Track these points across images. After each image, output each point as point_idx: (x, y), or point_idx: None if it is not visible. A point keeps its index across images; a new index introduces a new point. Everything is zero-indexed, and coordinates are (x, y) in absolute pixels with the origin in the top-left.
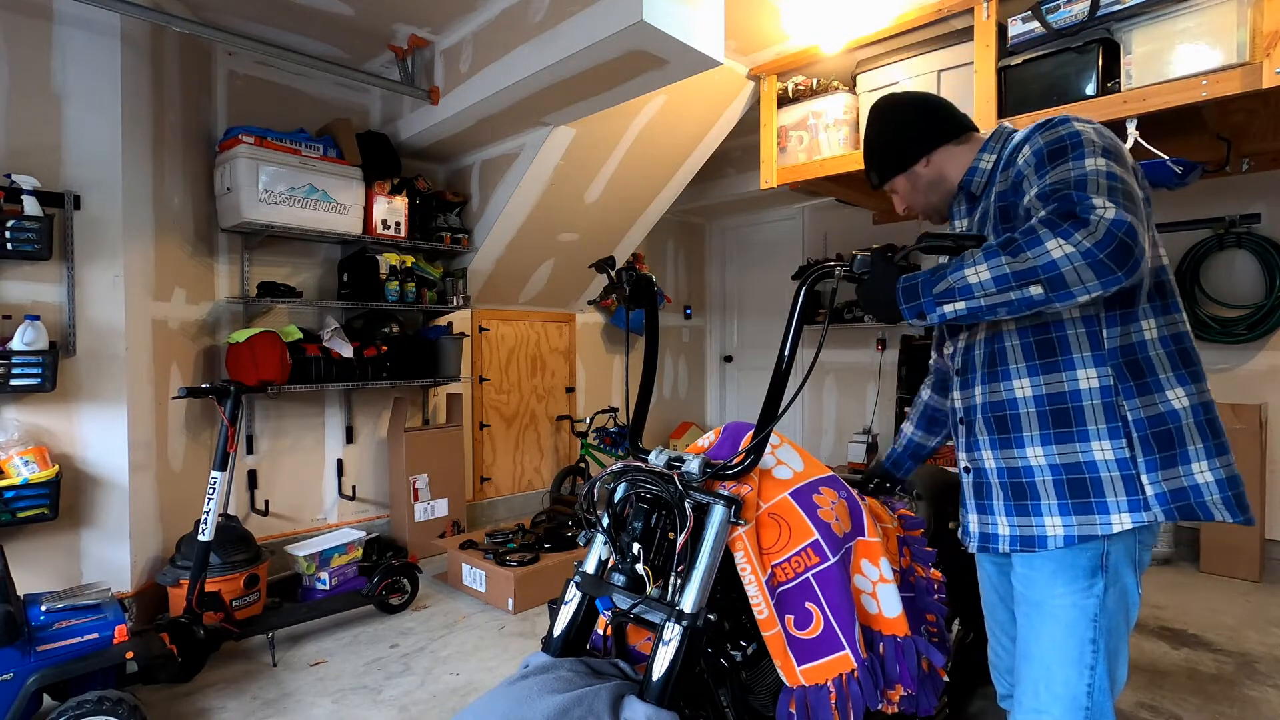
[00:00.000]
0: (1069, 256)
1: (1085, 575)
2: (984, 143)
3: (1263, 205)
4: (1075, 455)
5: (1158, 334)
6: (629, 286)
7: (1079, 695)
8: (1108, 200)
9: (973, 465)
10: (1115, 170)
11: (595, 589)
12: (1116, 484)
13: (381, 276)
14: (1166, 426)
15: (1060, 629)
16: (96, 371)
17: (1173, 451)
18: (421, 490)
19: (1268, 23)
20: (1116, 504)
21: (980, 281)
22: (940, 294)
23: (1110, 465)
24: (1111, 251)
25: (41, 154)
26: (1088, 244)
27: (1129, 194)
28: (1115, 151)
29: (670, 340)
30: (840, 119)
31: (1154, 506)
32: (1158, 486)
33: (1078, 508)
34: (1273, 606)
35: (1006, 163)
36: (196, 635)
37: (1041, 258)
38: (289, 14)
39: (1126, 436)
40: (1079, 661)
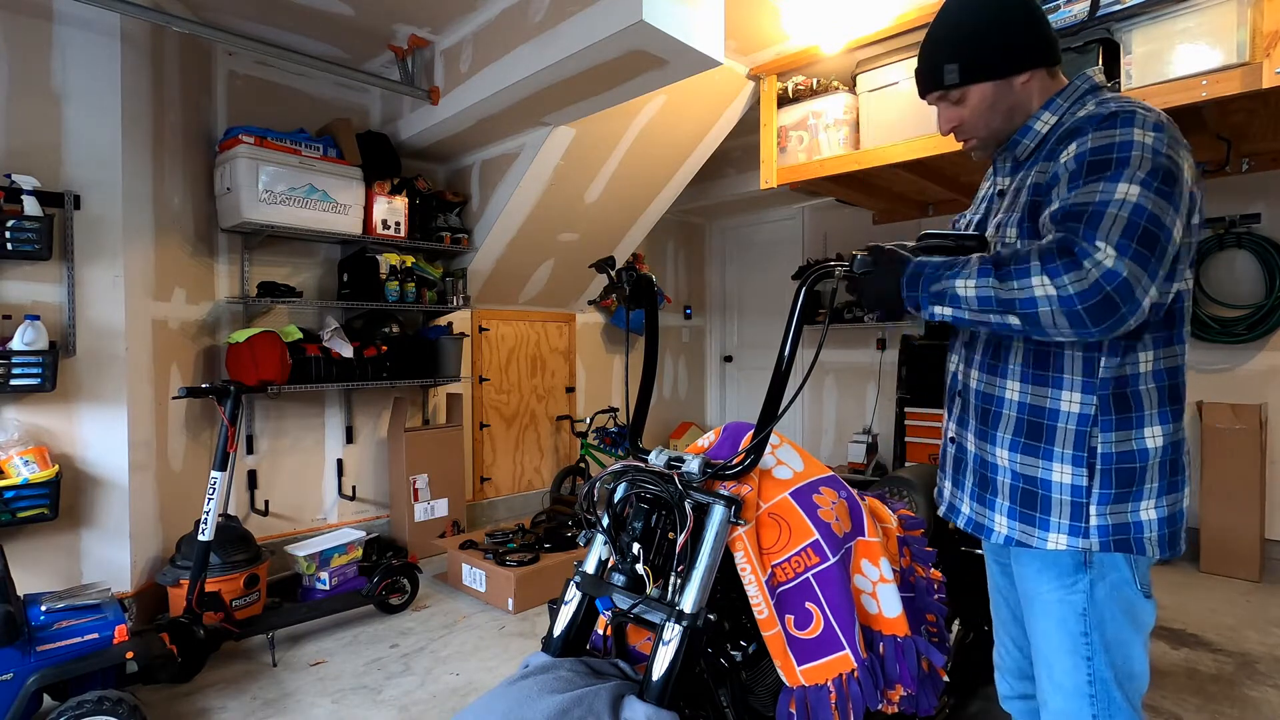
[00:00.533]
0: (1049, 299)
1: (1069, 572)
2: (1053, 95)
3: (1263, 205)
4: (1035, 470)
5: (1153, 367)
6: (629, 286)
7: (1080, 684)
8: (1113, 246)
9: (958, 439)
10: (1146, 203)
11: (595, 589)
12: (1065, 508)
13: (381, 276)
14: (1133, 465)
15: (1051, 622)
16: (96, 371)
17: (1129, 489)
18: (421, 490)
19: (1268, 23)
20: (1058, 524)
21: (967, 296)
22: (935, 293)
23: (1065, 489)
24: (1092, 306)
25: (41, 154)
26: (1070, 290)
27: (1148, 236)
28: (1166, 175)
29: (670, 340)
30: (840, 119)
31: (1092, 536)
32: (1103, 519)
33: (1024, 516)
34: (1273, 606)
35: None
36: (196, 635)
37: (1024, 292)
38: (289, 14)
39: (1089, 467)
40: (1073, 653)
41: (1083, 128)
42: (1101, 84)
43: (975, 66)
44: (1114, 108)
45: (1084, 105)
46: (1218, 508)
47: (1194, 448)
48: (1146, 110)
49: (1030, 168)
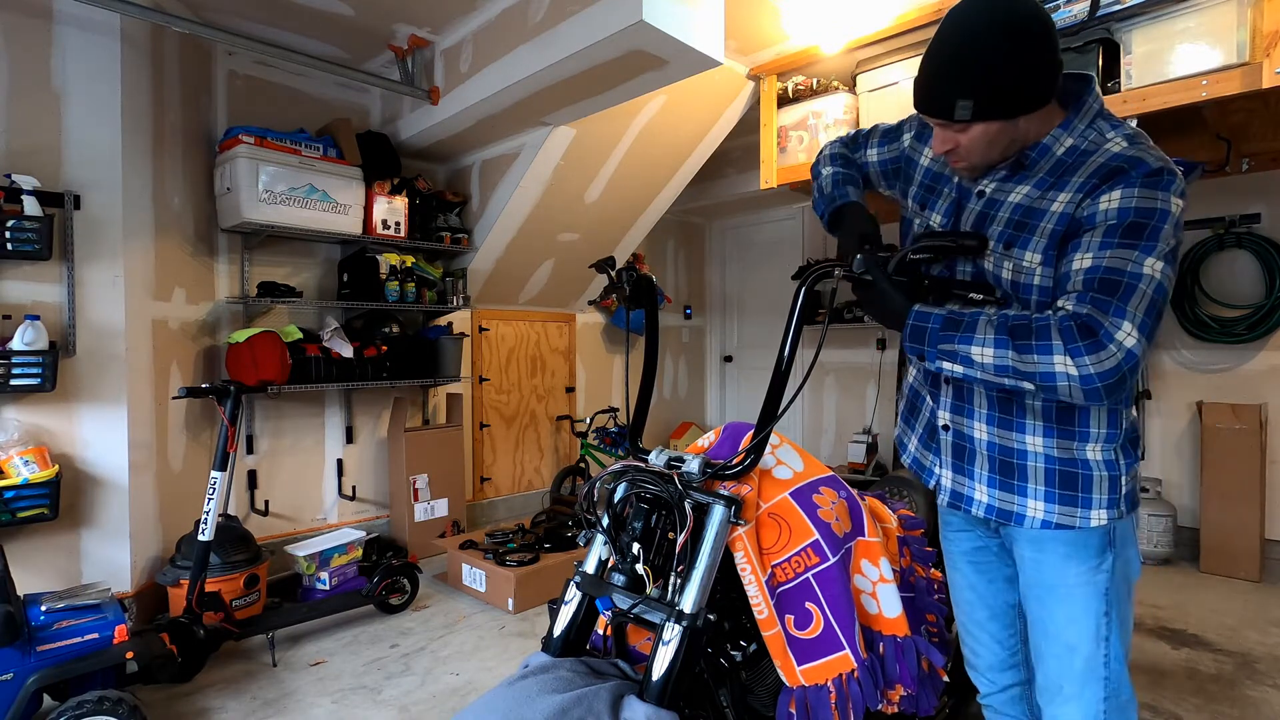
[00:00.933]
0: (1069, 376)
1: (1097, 553)
2: (1068, 117)
3: (1263, 205)
4: (1072, 452)
5: None
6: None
7: (1097, 667)
8: (1135, 328)
9: (955, 427)
10: (1166, 282)
11: (595, 589)
12: (1104, 483)
13: (381, 276)
14: (1137, 433)
15: (1077, 607)
16: (96, 371)
17: (1135, 453)
18: (421, 490)
19: (1268, 23)
20: (1099, 500)
21: (982, 363)
22: (944, 351)
23: (1100, 465)
24: (1111, 384)
25: (41, 154)
26: (1091, 370)
27: (1161, 312)
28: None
29: (670, 340)
30: (840, 119)
31: (1123, 504)
32: (1129, 485)
33: (1064, 499)
34: (1273, 606)
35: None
36: (196, 635)
37: (1044, 366)
38: (289, 14)
39: (1117, 441)
40: (1096, 635)
41: (1127, 172)
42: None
43: (989, 107)
44: (1155, 163)
45: (1102, 133)
46: (1218, 508)
47: (1194, 447)
48: (1174, 168)
49: (1043, 188)
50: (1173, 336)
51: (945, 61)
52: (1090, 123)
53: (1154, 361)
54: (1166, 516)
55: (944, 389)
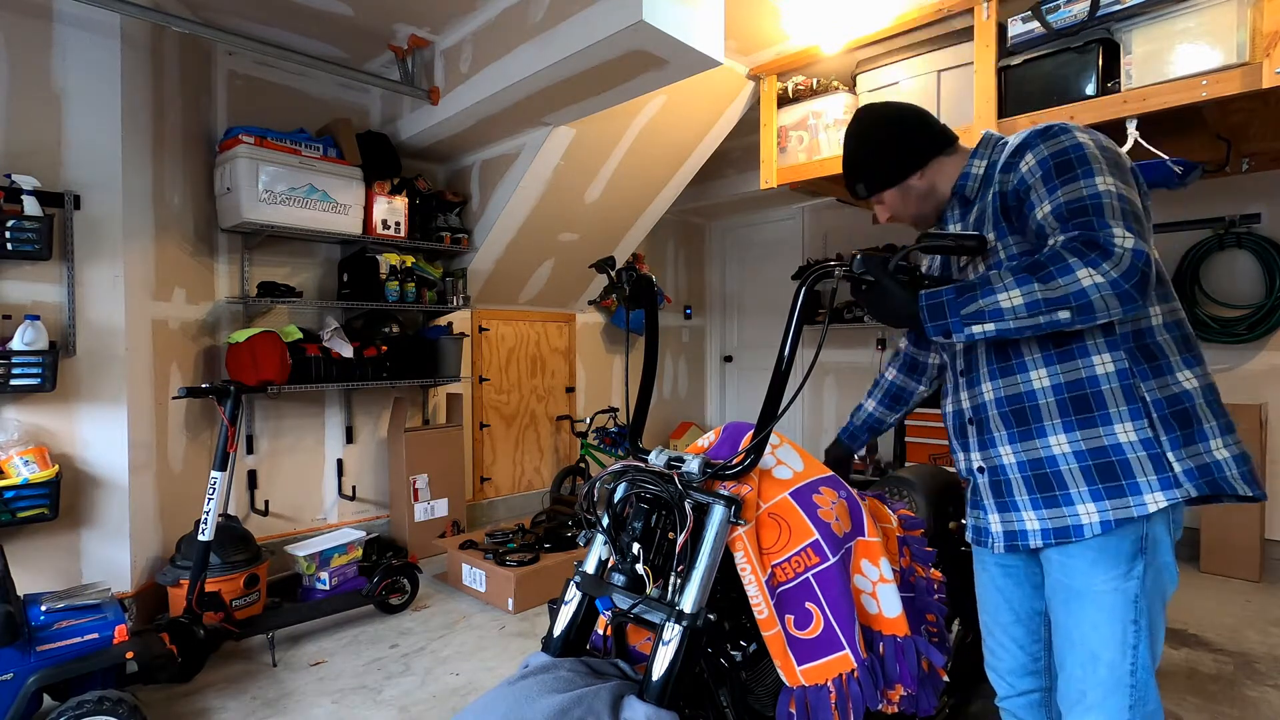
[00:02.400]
0: (1098, 285)
1: (1126, 560)
2: (974, 150)
3: (1263, 205)
4: (1099, 439)
5: (1163, 320)
6: (629, 286)
7: (1123, 676)
8: (1126, 229)
9: (988, 464)
10: (1124, 191)
11: (595, 589)
12: (1145, 464)
13: (381, 276)
14: (1183, 406)
15: (1104, 614)
16: (96, 371)
17: (1191, 429)
18: (421, 490)
19: (1268, 23)
20: (1148, 483)
21: (1013, 306)
22: (969, 315)
23: (1135, 446)
24: (1136, 283)
25: (41, 154)
26: (1115, 274)
27: (1139, 216)
28: (1118, 165)
29: (670, 340)
30: (840, 119)
31: (1184, 483)
32: (1185, 464)
33: (1110, 491)
34: (1273, 606)
35: (1005, 165)
36: (196, 635)
37: (1072, 285)
38: (289, 14)
39: (1147, 416)
40: (1123, 643)
41: (1028, 141)
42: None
43: (876, 181)
44: (1043, 126)
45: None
46: (1218, 508)
47: None
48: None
49: (982, 198)
50: None
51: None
52: (994, 147)
53: None
54: None
55: (969, 430)
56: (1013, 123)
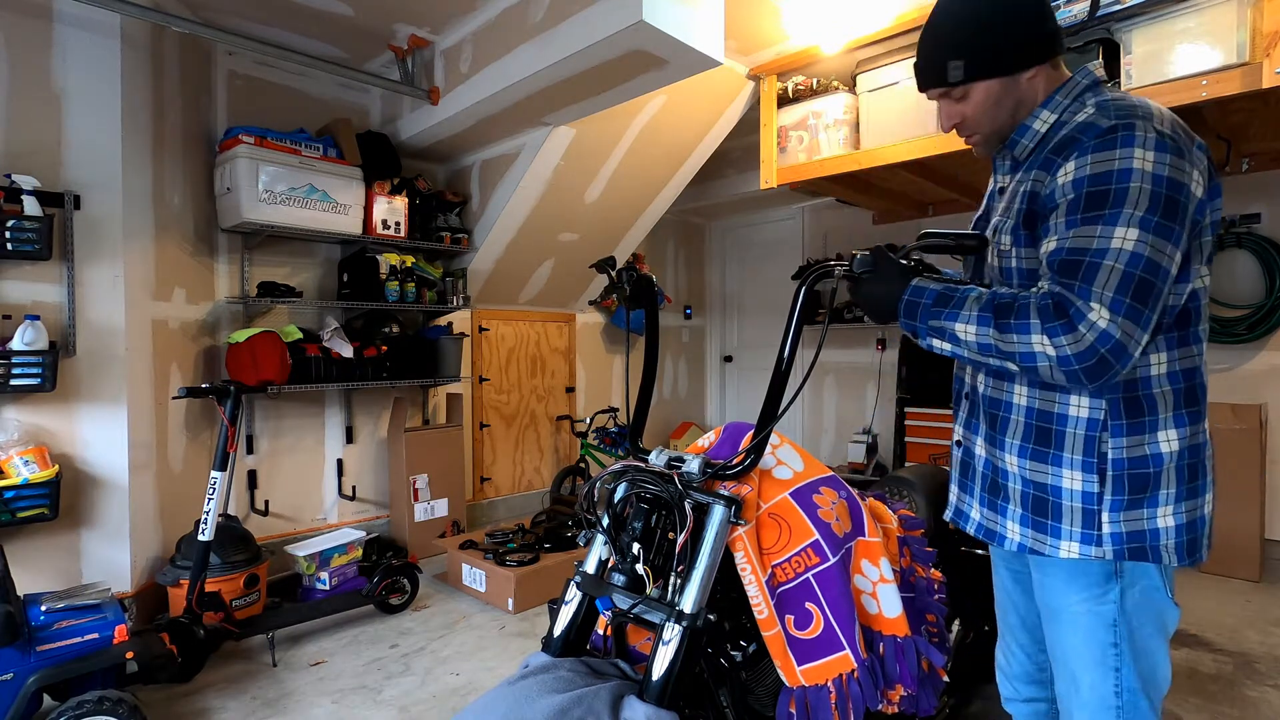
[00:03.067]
0: (1047, 356)
1: (1098, 582)
2: (1053, 93)
3: (1263, 205)
4: (1045, 476)
5: (1166, 369)
6: (629, 286)
7: (1106, 696)
8: (1106, 307)
9: (965, 443)
10: (1143, 249)
11: (595, 589)
12: (1076, 514)
13: (381, 276)
14: (1146, 471)
15: (1079, 635)
16: (96, 371)
17: (1143, 495)
18: (421, 490)
19: (1268, 23)
20: (1070, 532)
21: (966, 340)
22: (934, 327)
23: (1075, 495)
24: (1088, 367)
25: (41, 154)
26: (1068, 351)
27: (1142, 287)
28: (1164, 203)
29: (670, 340)
30: (840, 119)
31: (1106, 545)
32: (1116, 526)
33: (1036, 524)
34: (1273, 606)
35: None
36: (196, 635)
37: (1023, 347)
38: (289, 14)
39: (1100, 473)
40: (1101, 664)
41: (1081, 139)
42: (1101, 79)
43: (981, 63)
44: (1114, 119)
45: (1083, 106)
46: (1218, 508)
47: None
48: (1148, 118)
49: (1029, 169)
50: None
51: (934, 30)
52: (1076, 98)
53: None
54: None
55: (963, 404)
56: None
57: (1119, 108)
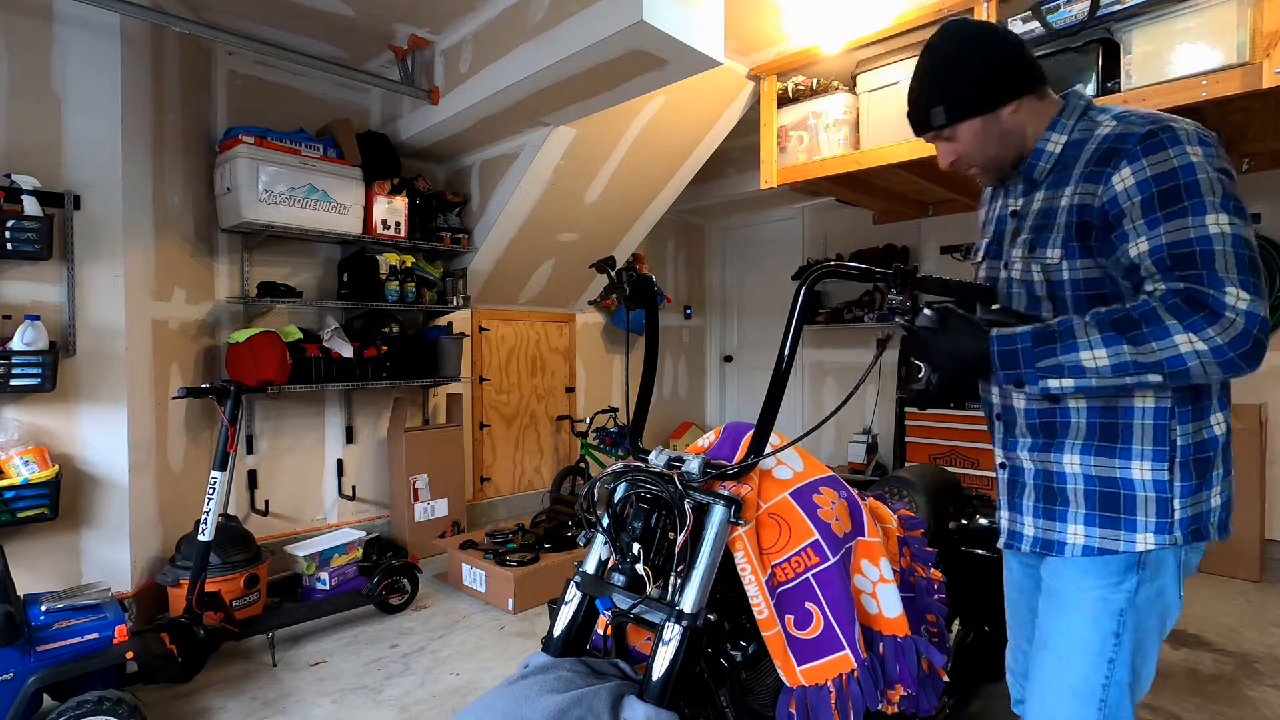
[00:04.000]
0: (1198, 353)
1: (1118, 571)
2: (1057, 116)
3: (1263, 205)
4: (1114, 470)
5: None
6: (629, 286)
7: (1094, 688)
8: (1240, 288)
9: (1009, 463)
10: (1240, 230)
11: (595, 589)
12: (1150, 505)
13: (381, 276)
14: (1207, 454)
15: (1082, 620)
16: (96, 371)
17: (1205, 478)
18: (421, 490)
19: (1268, 23)
20: (1145, 523)
21: (1097, 367)
22: (1047, 368)
23: (1147, 485)
24: (1246, 351)
25: (41, 154)
26: (1221, 342)
27: (1255, 265)
28: (1233, 192)
29: (670, 340)
30: (840, 119)
31: (1177, 530)
32: (1185, 511)
33: (1105, 520)
34: (1273, 606)
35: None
36: (196, 635)
37: (1168, 351)
38: (289, 14)
39: (1170, 460)
40: (1099, 653)
41: (1123, 148)
42: (1089, 96)
43: (961, 106)
44: (1147, 125)
45: (1097, 122)
46: None
47: None
48: (1177, 122)
49: (1055, 187)
50: None
51: (918, 81)
52: (1080, 117)
53: None
54: None
55: (996, 425)
56: None
57: (1140, 116)
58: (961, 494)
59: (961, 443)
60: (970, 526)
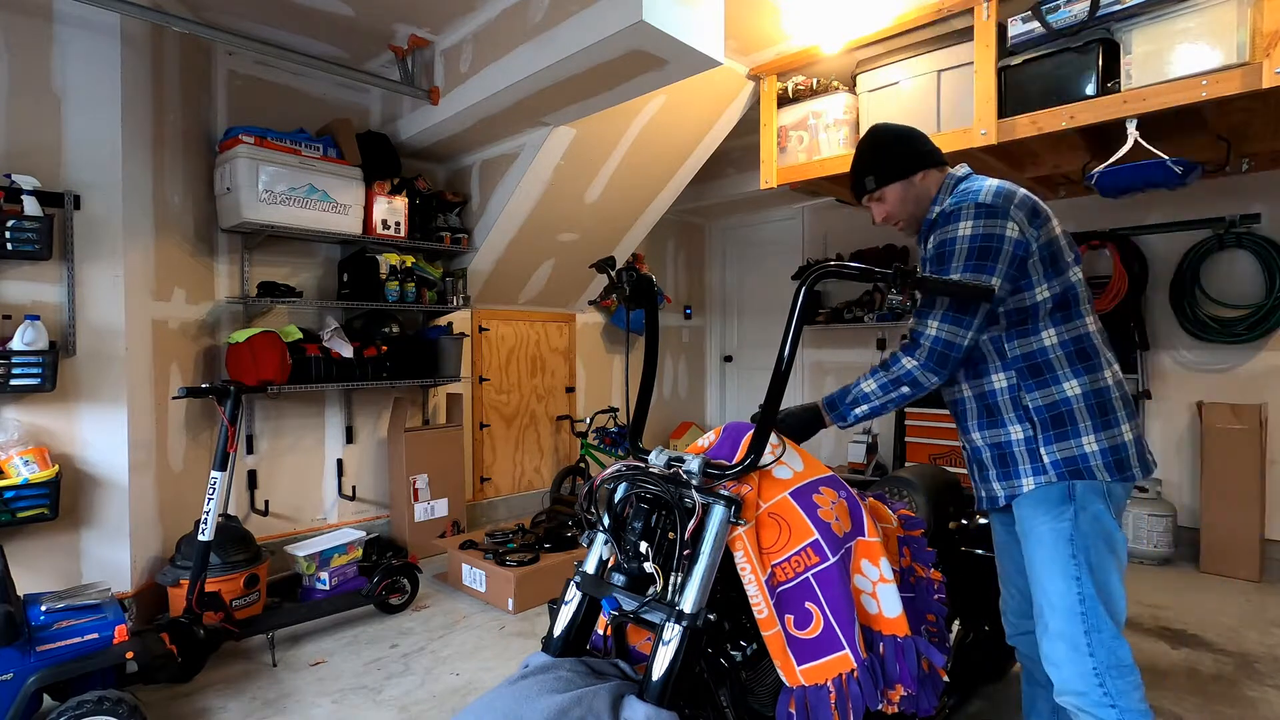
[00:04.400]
0: (913, 369)
1: (1056, 503)
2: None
3: (1263, 205)
4: (999, 437)
5: (1058, 339)
6: (629, 286)
7: (1073, 603)
8: (938, 321)
9: (966, 444)
10: (964, 279)
11: (595, 589)
12: (1024, 457)
13: (381, 276)
14: (1059, 411)
15: (1045, 549)
16: (96, 371)
17: (1064, 429)
18: (421, 490)
19: (1268, 23)
20: (1024, 470)
21: (871, 390)
22: (849, 403)
23: (1020, 443)
24: (932, 365)
25: (41, 154)
26: (919, 359)
27: (961, 304)
28: (977, 251)
29: (670, 340)
30: (840, 119)
31: (1049, 471)
32: (1053, 455)
33: (1004, 475)
34: (1273, 606)
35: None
36: (196, 635)
37: (900, 370)
38: (289, 14)
39: (1030, 421)
40: (1064, 574)
41: (938, 220)
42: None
43: (886, 174)
44: (950, 206)
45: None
46: (1218, 508)
47: (1194, 448)
48: (970, 198)
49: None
50: (1173, 337)
51: (856, 161)
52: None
53: (1154, 362)
54: (1166, 517)
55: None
56: (1012, 123)
57: (957, 196)
58: (961, 494)
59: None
60: (970, 526)
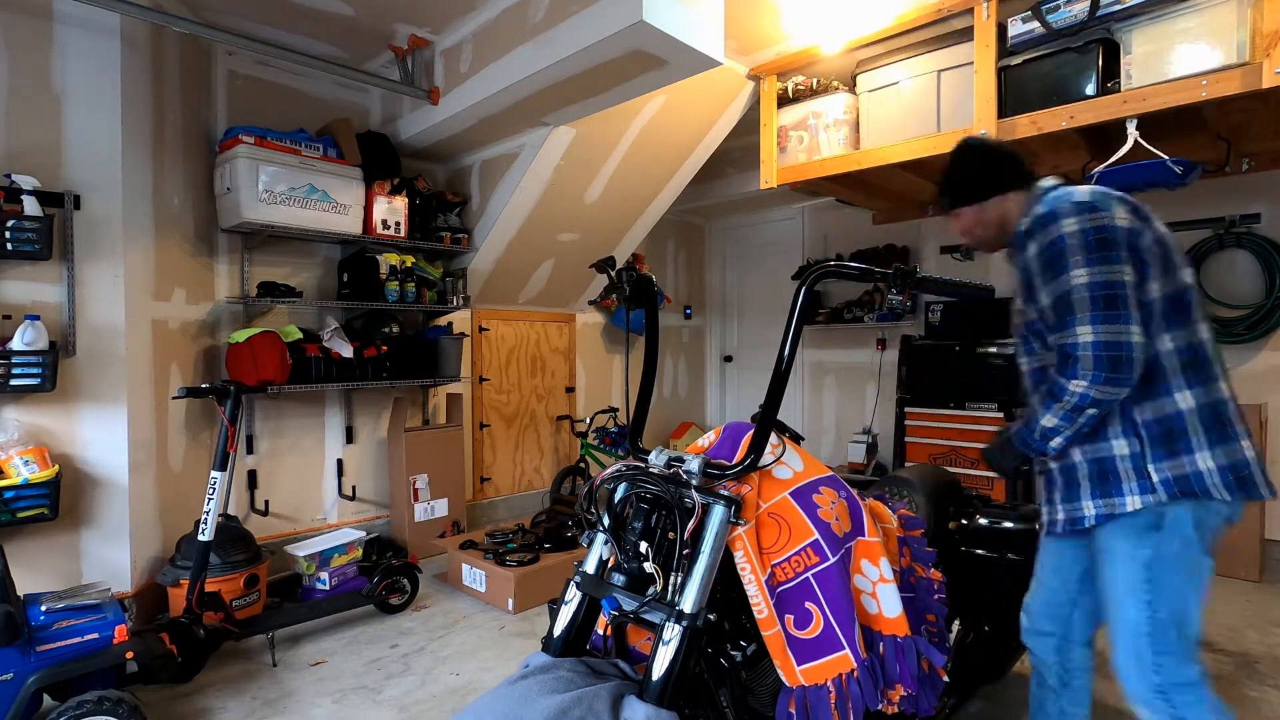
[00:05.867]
0: (1087, 391)
1: (1140, 533)
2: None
3: (1263, 205)
4: (1100, 452)
5: (1173, 345)
6: (629, 286)
7: (1140, 623)
8: (1088, 325)
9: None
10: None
11: (595, 589)
12: (1130, 474)
13: (381, 276)
14: (1170, 426)
15: (1120, 569)
16: (96, 371)
17: (1176, 445)
18: (421, 490)
19: (1268, 23)
20: (1129, 488)
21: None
22: (1038, 438)
23: (1125, 460)
24: (1104, 374)
25: (41, 154)
26: (1087, 375)
27: (1109, 299)
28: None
29: (670, 340)
30: (840, 119)
31: (1159, 490)
32: (1163, 474)
33: (1102, 492)
34: (1273, 606)
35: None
36: (196, 635)
37: (1073, 397)
38: (289, 14)
39: (1138, 436)
40: (1135, 595)
41: (1033, 228)
42: (1050, 186)
43: (957, 198)
44: (1043, 210)
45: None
46: None
47: None
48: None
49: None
50: None
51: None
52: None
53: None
54: None
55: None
56: (1012, 123)
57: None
58: (961, 494)
59: (961, 443)
60: (970, 526)
